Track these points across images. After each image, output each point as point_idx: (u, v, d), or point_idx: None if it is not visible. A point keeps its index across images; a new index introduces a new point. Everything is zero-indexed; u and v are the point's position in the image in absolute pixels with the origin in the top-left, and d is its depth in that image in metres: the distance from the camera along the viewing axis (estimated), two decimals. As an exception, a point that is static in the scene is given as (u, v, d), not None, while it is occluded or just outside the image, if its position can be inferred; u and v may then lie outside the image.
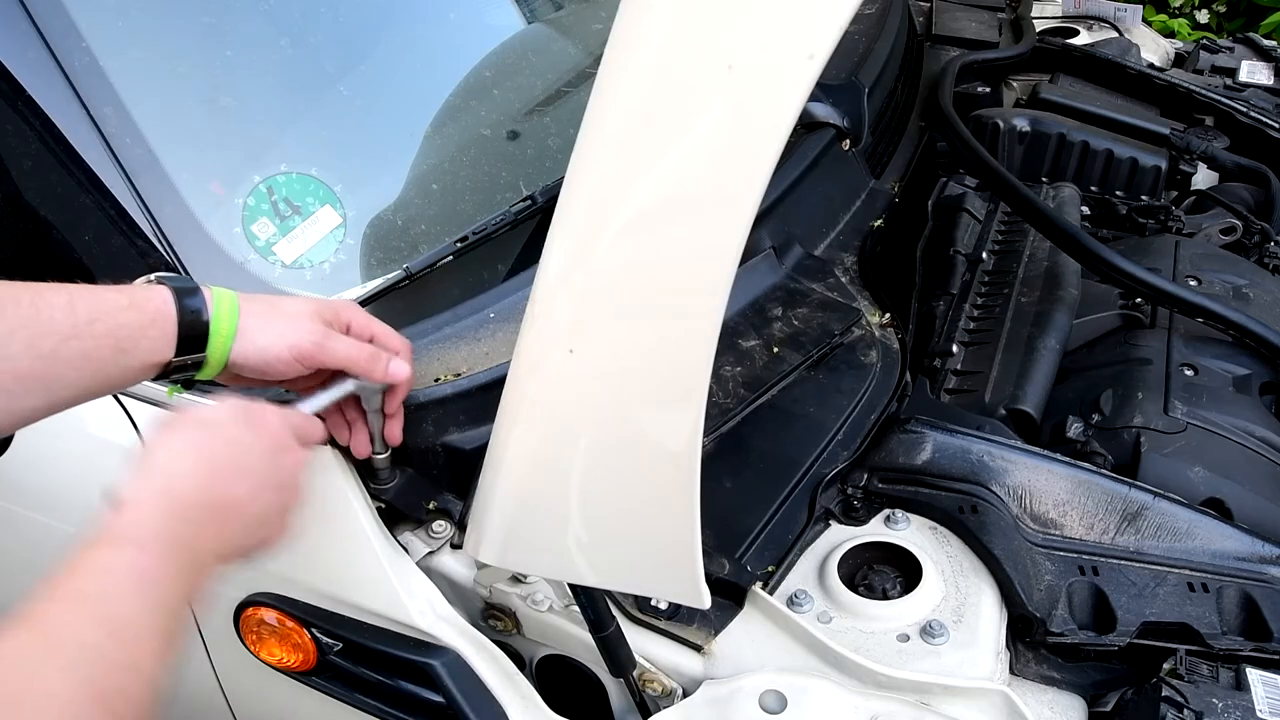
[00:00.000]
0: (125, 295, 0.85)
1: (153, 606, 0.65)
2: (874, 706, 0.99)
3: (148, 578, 0.67)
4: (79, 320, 0.79)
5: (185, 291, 0.87)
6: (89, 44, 1.12)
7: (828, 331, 1.38)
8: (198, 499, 0.76)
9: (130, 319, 0.83)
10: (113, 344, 0.82)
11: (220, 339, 0.88)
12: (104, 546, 0.68)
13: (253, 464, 0.82)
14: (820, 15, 0.66)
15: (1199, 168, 1.88)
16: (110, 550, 0.68)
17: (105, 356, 0.81)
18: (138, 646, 0.62)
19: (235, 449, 0.82)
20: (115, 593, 0.65)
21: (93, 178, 1.11)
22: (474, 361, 1.14)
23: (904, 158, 1.79)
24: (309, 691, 1.17)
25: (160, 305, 0.85)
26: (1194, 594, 1.10)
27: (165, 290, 0.87)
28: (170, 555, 0.69)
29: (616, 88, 0.75)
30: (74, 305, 0.80)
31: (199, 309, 0.87)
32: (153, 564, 0.68)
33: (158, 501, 0.73)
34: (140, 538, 0.69)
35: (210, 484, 0.78)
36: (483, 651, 1.07)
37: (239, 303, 0.90)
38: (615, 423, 0.83)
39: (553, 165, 1.34)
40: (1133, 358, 1.41)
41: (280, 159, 1.19)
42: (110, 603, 0.64)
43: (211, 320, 0.87)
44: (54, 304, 0.79)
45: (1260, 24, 3.59)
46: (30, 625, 0.60)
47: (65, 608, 0.62)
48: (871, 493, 1.22)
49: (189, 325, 0.86)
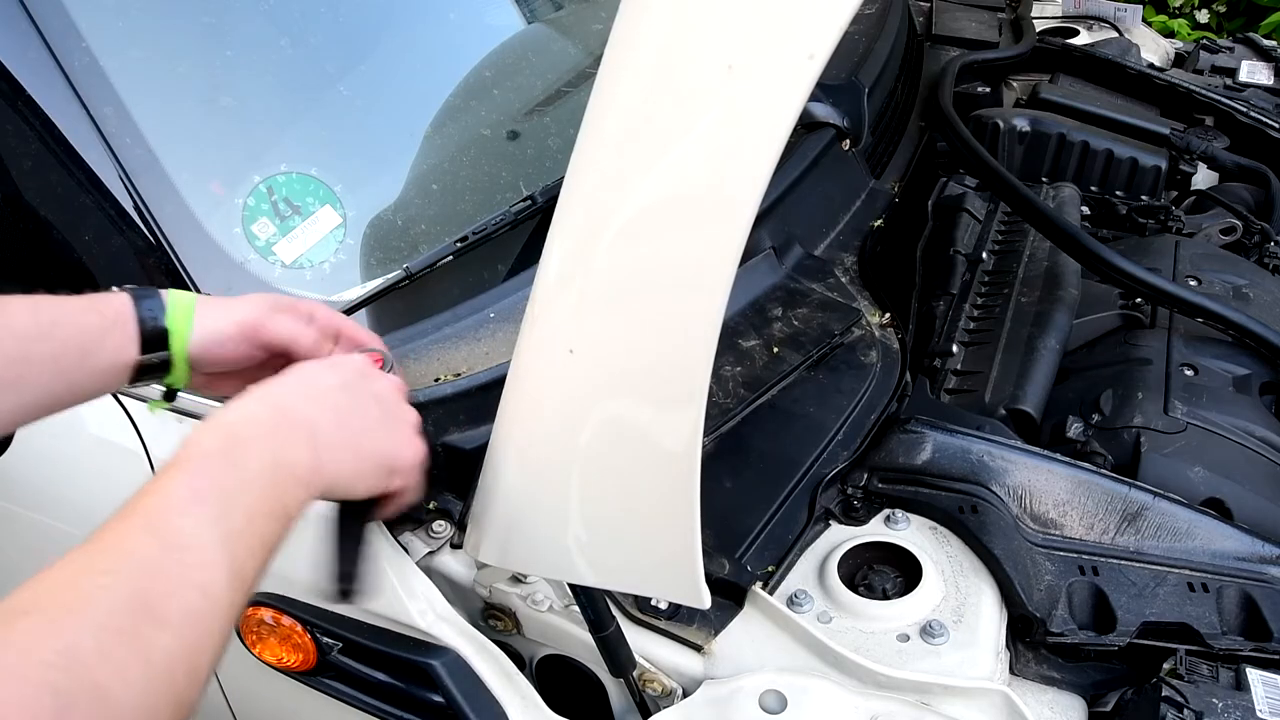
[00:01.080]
0: (86, 300, 0.87)
1: (209, 520, 0.64)
2: (874, 706, 0.99)
3: (198, 493, 0.65)
4: (42, 323, 0.81)
5: (143, 294, 0.89)
6: (89, 44, 1.12)
7: (828, 331, 1.38)
8: (253, 419, 0.75)
9: (91, 321, 0.85)
10: (77, 346, 0.83)
11: (179, 335, 0.89)
12: (160, 473, 0.68)
13: (325, 385, 0.82)
14: (820, 15, 0.66)
15: (1199, 168, 1.88)
16: (163, 473, 0.67)
17: (71, 359, 0.83)
18: (191, 560, 0.61)
19: (304, 377, 0.82)
20: (166, 508, 0.64)
21: (93, 178, 1.11)
22: (474, 361, 1.14)
23: (904, 158, 1.79)
24: (309, 691, 1.17)
25: (120, 307, 0.87)
26: (1194, 594, 1.10)
27: (125, 295, 0.89)
28: (221, 472, 0.68)
29: (616, 88, 0.75)
30: (37, 310, 0.82)
31: (156, 310, 0.89)
32: (202, 480, 0.66)
33: (211, 427, 0.73)
34: (189, 457, 0.69)
35: (268, 405, 0.77)
36: (483, 651, 1.07)
37: (195, 301, 0.91)
38: (615, 423, 0.83)
39: (553, 165, 1.34)
40: (1133, 358, 1.41)
41: (280, 159, 1.19)
42: (160, 517, 0.63)
43: (168, 317, 0.89)
44: (17, 310, 0.81)
45: (1260, 24, 3.59)
46: (85, 543, 0.60)
47: (117, 523, 0.62)
48: (871, 493, 1.22)
49: (148, 324, 0.88)
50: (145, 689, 0.54)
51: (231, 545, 0.64)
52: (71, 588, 0.56)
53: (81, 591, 0.56)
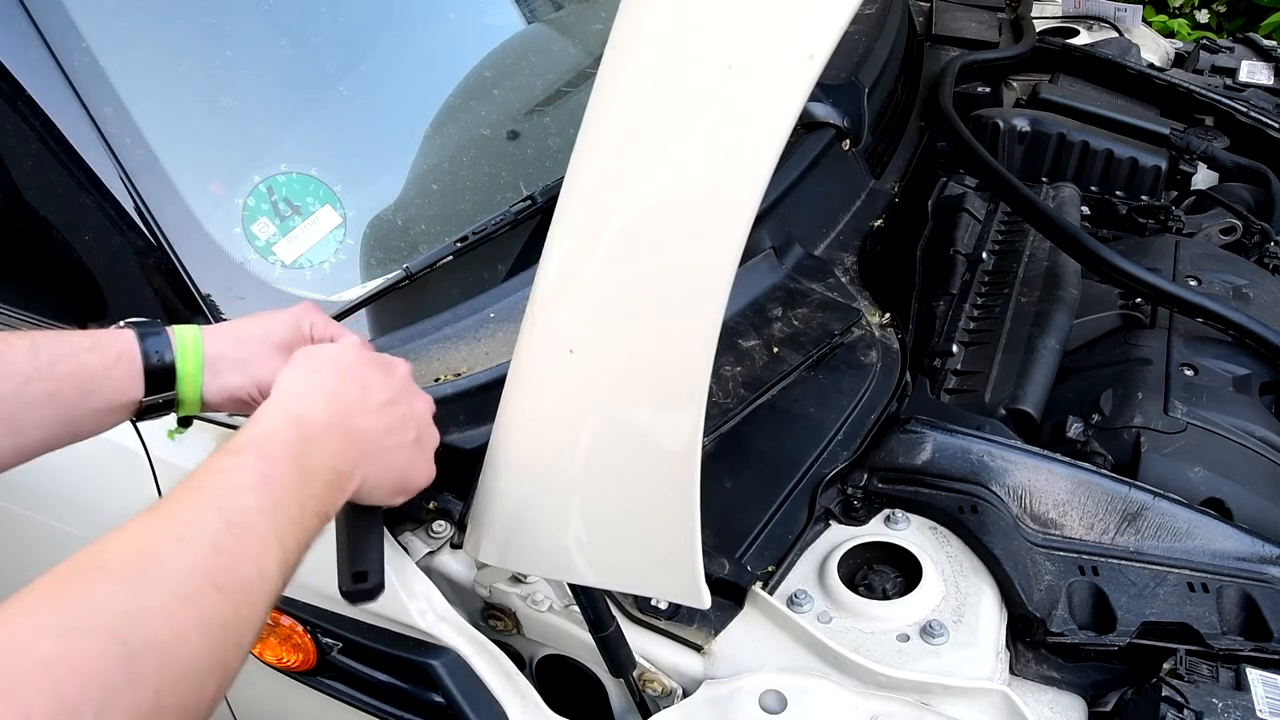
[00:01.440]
0: (89, 338, 0.87)
1: (270, 507, 0.67)
2: (874, 706, 0.99)
3: (267, 480, 0.69)
4: (41, 363, 0.81)
5: (149, 333, 0.89)
6: (89, 44, 1.12)
7: (828, 331, 1.38)
8: (321, 419, 0.78)
9: (93, 360, 0.85)
10: (76, 384, 0.83)
11: (189, 380, 0.89)
12: (229, 453, 0.71)
13: (379, 399, 0.85)
14: (820, 15, 0.66)
15: (1199, 168, 1.88)
16: (234, 455, 0.71)
17: (70, 398, 0.83)
18: (252, 540, 0.64)
19: (362, 383, 0.85)
20: (234, 489, 0.67)
21: (93, 178, 1.11)
22: (474, 361, 1.14)
23: (904, 158, 1.79)
24: (309, 691, 1.17)
25: (124, 347, 0.87)
26: (1194, 594, 1.10)
27: (129, 332, 0.88)
28: (290, 464, 0.72)
29: (616, 88, 0.75)
30: (37, 349, 0.82)
31: (162, 350, 0.88)
32: (273, 469, 0.70)
33: (282, 416, 0.77)
34: (262, 445, 0.72)
35: (333, 407, 0.80)
36: (483, 651, 1.07)
37: (203, 340, 0.91)
38: (615, 423, 0.83)
39: (553, 165, 1.34)
40: (1133, 358, 1.41)
41: (280, 159, 1.19)
42: (229, 497, 0.66)
43: (177, 360, 0.89)
44: (17, 349, 0.81)
45: (1260, 24, 3.59)
46: (154, 510, 0.63)
47: (186, 495, 0.65)
48: (871, 493, 1.22)
49: (154, 366, 0.88)
50: (201, 651, 0.57)
51: (284, 534, 0.67)
52: (143, 552, 0.59)
53: (153, 556, 0.59)
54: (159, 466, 1.17)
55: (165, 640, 0.55)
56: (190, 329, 0.91)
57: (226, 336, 0.93)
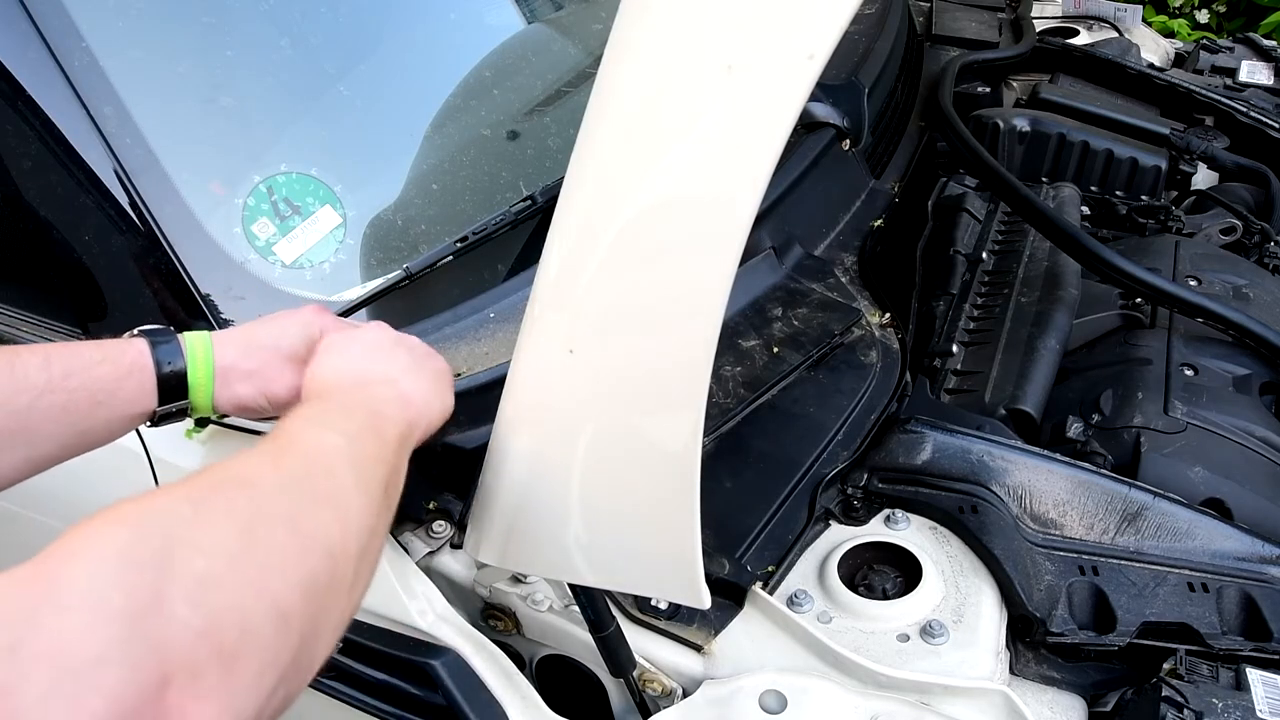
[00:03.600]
0: (100, 350, 0.87)
1: (345, 446, 0.70)
2: (874, 706, 0.99)
3: (327, 418, 0.74)
4: (54, 375, 0.82)
5: (159, 342, 0.90)
6: (89, 44, 1.12)
7: (828, 331, 1.38)
8: (358, 375, 0.86)
9: (105, 372, 0.86)
10: (89, 397, 0.84)
11: (201, 389, 0.91)
12: (316, 417, 0.75)
13: (399, 355, 0.92)
14: (820, 15, 0.66)
15: (1199, 168, 1.88)
16: (297, 411, 0.76)
17: (83, 409, 0.84)
18: (331, 481, 0.66)
19: (383, 346, 0.93)
20: (301, 430, 0.71)
21: (93, 178, 1.11)
22: (474, 361, 1.14)
23: (904, 158, 1.79)
24: (309, 691, 1.16)
25: (136, 357, 0.88)
26: (1194, 594, 1.10)
27: (141, 342, 0.89)
28: (347, 410, 0.77)
29: (616, 88, 0.75)
30: (49, 362, 0.83)
31: (173, 359, 0.89)
32: (332, 410, 0.76)
33: (356, 399, 0.83)
34: (319, 393, 0.82)
35: (365, 365, 0.89)
36: (483, 651, 1.07)
37: (213, 347, 0.92)
38: (615, 423, 0.83)
39: (553, 165, 1.34)
40: (1133, 358, 1.41)
41: (280, 159, 1.19)
42: (297, 437, 0.70)
43: (188, 370, 0.90)
44: (29, 362, 0.82)
45: (1260, 24, 3.59)
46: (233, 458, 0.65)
47: (262, 445, 0.68)
48: (871, 493, 1.22)
49: (166, 375, 0.89)
50: (313, 549, 0.60)
51: (369, 491, 0.70)
52: (260, 477, 0.63)
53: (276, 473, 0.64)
54: (159, 466, 1.18)
55: (284, 541, 0.58)
56: (200, 336, 0.92)
57: (236, 345, 0.94)
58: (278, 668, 0.53)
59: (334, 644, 0.62)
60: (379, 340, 0.94)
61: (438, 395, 0.90)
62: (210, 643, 0.49)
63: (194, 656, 0.48)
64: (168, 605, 0.48)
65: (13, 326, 1.24)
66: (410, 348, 0.95)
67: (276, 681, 0.53)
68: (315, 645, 0.58)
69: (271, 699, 0.53)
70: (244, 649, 0.50)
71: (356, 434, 0.73)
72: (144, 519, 0.52)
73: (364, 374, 0.88)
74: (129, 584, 0.47)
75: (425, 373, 0.91)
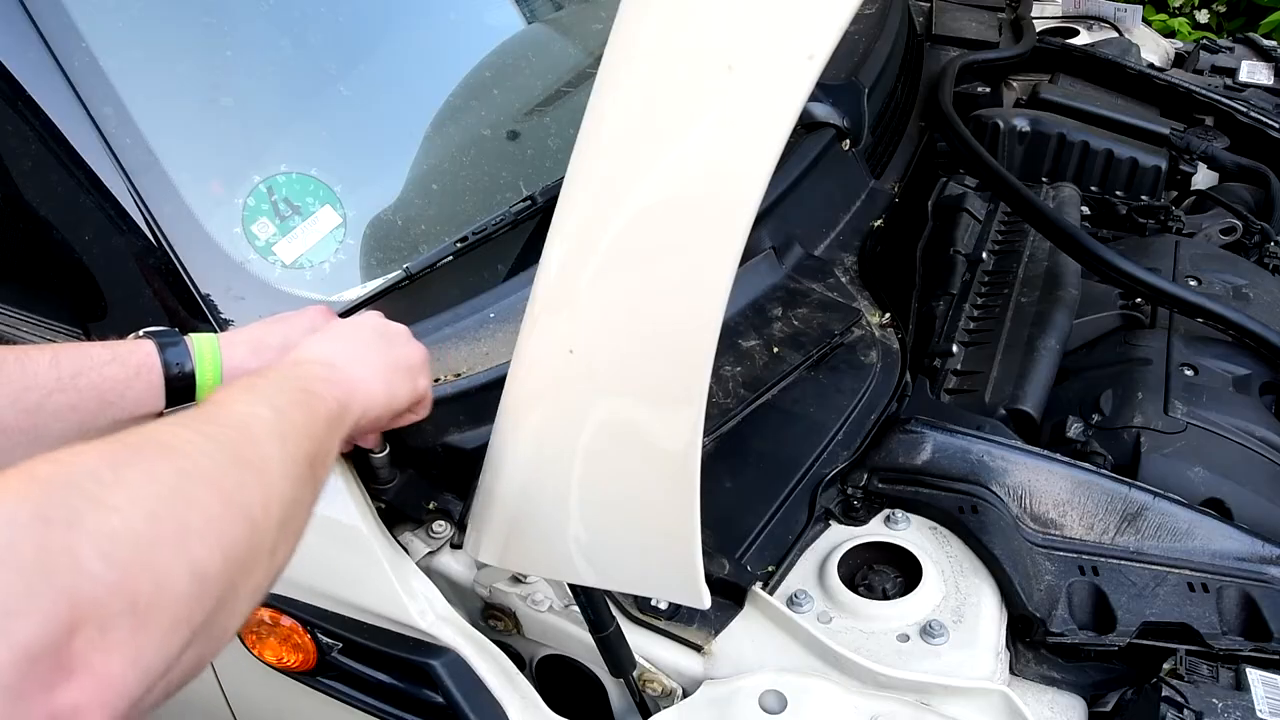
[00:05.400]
0: (109, 350, 0.87)
1: (271, 418, 0.69)
2: (874, 706, 0.99)
3: (256, 392, 0.73)
4: (63, 375, 0.82)
5: (168, 343, 0.90)
6: (89, 44, 1.12)
7: (828, 331, 1.38)
8: (304, 354, 0.86)
9: (114, 373, 0.86)
10: (97, 397, 0.84)
11: (209, 390, 0.91)
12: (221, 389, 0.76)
13: (360, 339, 0.91)
14: (820, 15, 0.66)
15: (1199, 168, 1.88)
16: (228, 385, 0.76)
17: (91, 409, 0.84)
18: (255, 449, 0.66)
19: (355, 332, 0.92)
20: (229, 401, 0.70)
21: (93, 178, 1.11)
22: (474, 361, 1.13)
23: (904, 158, 1.79)
24: (309, 691, 1.17)
25: (144, 359, 0.88)
26: (1194, 594, 1.10)
27: (149, 344, 0.89)
28: (278, 385, 0.76)
29: (616, 88, 0.75)
30: (58, 362, 0.83)
31: (182, 361, 0.90)
32: (262, 385, 0.74)
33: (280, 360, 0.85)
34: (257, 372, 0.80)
35: (320, 348, 0.87)
36: (483, 651, 1.07)
37: (220, 349, 0.92)
38: (615, 423, 0.83)
39: (553, 165, 1.34)
40: (1133, 358, 1.41)
41: (280, 159, 1.19)
42: (224, 407, 0.69)
43: (196, 372, 0.90)
44: (38, 362, 0.82)
45: (1260, 24, 3.59)
46: (156, 423, 0.65)
47: (189, 413, 0.68)
48: (871, 493, 1.22)
49: (174, 377, 0.89)
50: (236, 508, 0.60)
51: (294, 461, 0.70)
52: (185, 441, 0.62)
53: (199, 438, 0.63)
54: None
55: (206, 498, 0.58)
56: (207, 338, 0.92)
57: (244, 346, 0.94)
58: (190, 625, 0.53)
59: (250, 611, 0.62)
60: (353, 324, 0.94)
61: (383, 382, 0.89)
62: (122, 596, 0.49)
63: (104, 609, 0.48)
64: (79, 559, 0.48)
65: (13, 326, 1.24)
66: (383, 334, 0.95)
67: (187, 639, 0.53)
68: (232, 608, 0.58)
69: (181, 659, 0.53)
70: (157, 605, 0.50)
71: (285, 408, 0.72)
72: (59, 478, 0.52)
73: (305, 353, 0.87)
74: (40, 538, 0.47)
75: (374, 357, 0.90)
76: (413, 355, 0.96)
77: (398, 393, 0.92)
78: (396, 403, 0.92)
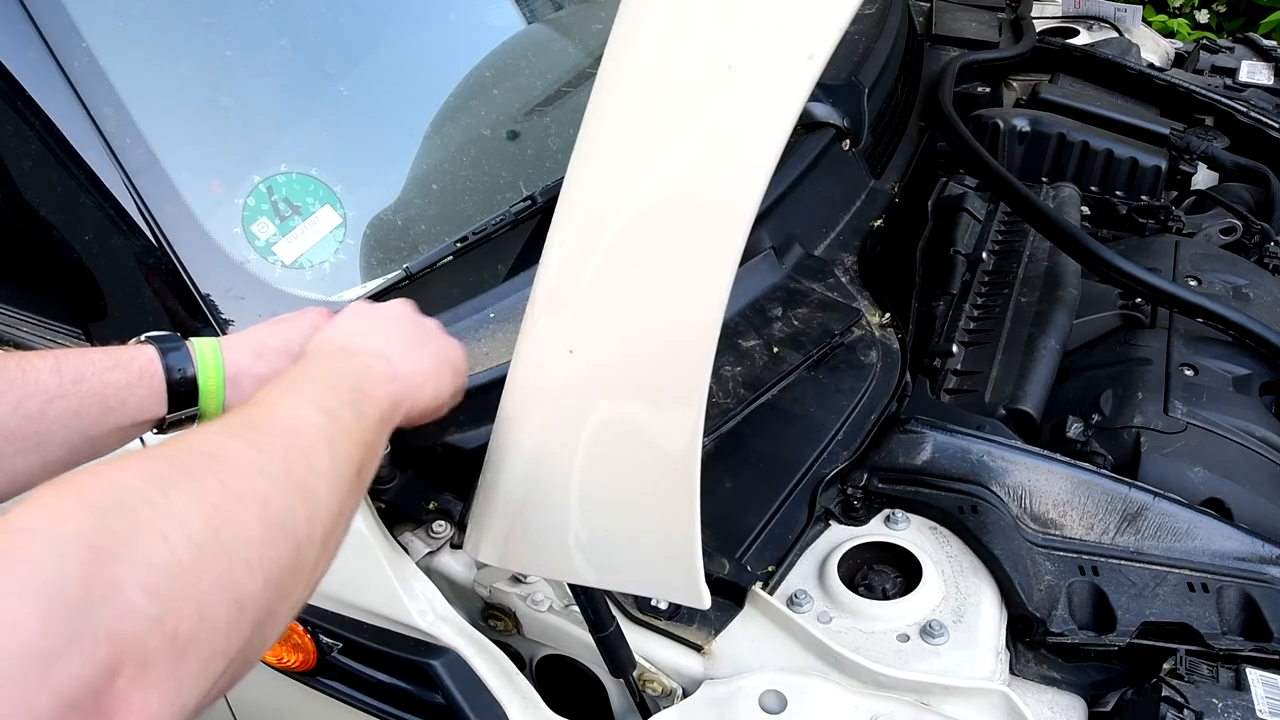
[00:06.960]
0: (110, 356, 0.87)
1: (323, 423, 0.69)
2: (874, 706, 0.99)
3: (310, 389, 0.73)
4: (64, 380, 0.82)
5: (169, 348, 0.89)
6: (89, 44, 1.12)
7: (828, 331, 1.38)
8: (353, 344, 0.85)
9: (116, 378, 0.85)
10: (99, 402, 0.84)
11: (212, 395, 0.90)
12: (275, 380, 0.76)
13: (405, 331, 0.91)
14: (820, 15, 0.66)
15: (1199, 168, 1.88)
16: (282, 376, 0.77)
17: (93, 415, 0.83)
18: (306, 463, 0.65)
19: (393, 320, 0.92)
20: (279, 402, 0.70)
21: (93, 178, 1.11)
22: (474, 361, 1.13)
23: (904, 158, 1.79)
24: (309, 691, 1.17)
25: (145, 364, 0.87)
26: (1194, 594, 1.10)
27: (150, 349, 0.89)
28: (331, 383, 0.76)
29: (616, 88, 0.75)
30: (60, 367, 0.82)
31: (184, 366, 0.89)
32: (316, 380, 0.75)
33: (325, 342, 0.85)
34: (310, 353, 0.82)
35: (365, 335, 0.87)
36: (483, 651, 1.07)
37: (222, 353, 0.91)
38: (615, 423, 0.83)
39: (553, 165, 1.34)
40: (1133, 358, 1.41)
41: (280, 159, 1.19)
42: (274, 409, 0.69)
43: (199, 376, 0.89)
44: (40, 368, 0.82)
45: (1260, 24, 3.59)
46: (209, 426, 0.66)
47: (242, 412, 0.69)
48: (871, 493, 1.22)
49: (176, 382, 0.88)
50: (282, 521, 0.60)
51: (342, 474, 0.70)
52: (235, 454, 0.62)
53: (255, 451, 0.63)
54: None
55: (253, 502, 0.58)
56: (209, 343, 0.92)
57: (246, 349, 0.93)
58: (227, 656, 0.53)
59: (286, 626, 0.61)
60: (393, 314, 0.93)
61: (431, 377, 0.89)
62: (164, 631, 0.48)
63: (146, 646, 0.47)
64: (126, 594, 0.47)
65: (13, 326, 1.24)
66: (422, 327, 0.94)
67: (224, 669, 0.53)
68: (267, 631, 0.58)
69: (216, 685, 0.53)
70: (196, 639, 0.50)
71: (336, 410, 0.72)
72: (109, 500, 0.51)
73: (359, 344, 0.86)
74: (87, 572, 0.47)
75: (425, 353, 0.90)
76: (456, 352, 0.95)
77: (443, 391, 0.91)
78: (439, 401, 0.91)
